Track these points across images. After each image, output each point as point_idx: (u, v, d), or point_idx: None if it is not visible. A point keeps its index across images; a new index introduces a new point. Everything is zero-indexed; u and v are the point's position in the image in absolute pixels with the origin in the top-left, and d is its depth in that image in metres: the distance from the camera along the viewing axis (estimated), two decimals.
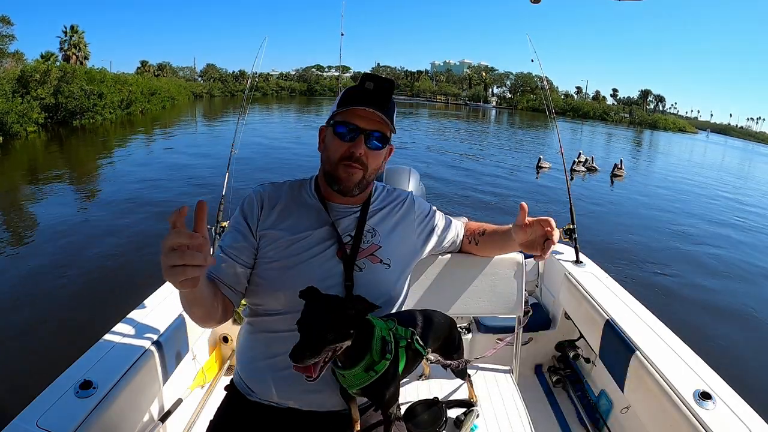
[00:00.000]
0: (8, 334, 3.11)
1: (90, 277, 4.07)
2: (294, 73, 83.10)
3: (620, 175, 12.23)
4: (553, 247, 0.94)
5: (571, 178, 11.00)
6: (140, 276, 3.93)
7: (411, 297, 1.20)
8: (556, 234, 0.93)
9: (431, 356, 0.95)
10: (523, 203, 0.97)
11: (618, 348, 1.28)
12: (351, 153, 0.90)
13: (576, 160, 12.38)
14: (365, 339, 0.78)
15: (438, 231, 1.12)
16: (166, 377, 1.21)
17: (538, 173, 11.78)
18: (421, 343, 0.89)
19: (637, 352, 1.21)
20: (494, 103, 77.17)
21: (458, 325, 1.12)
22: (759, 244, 7.34)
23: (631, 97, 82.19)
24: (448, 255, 1.24)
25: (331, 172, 0.94)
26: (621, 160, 12.86)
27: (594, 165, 12.78)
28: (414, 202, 1.08)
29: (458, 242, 1.19)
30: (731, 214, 9.59)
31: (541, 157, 12.36)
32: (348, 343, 0.75)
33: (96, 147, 13.06)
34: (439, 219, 1.13)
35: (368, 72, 0.96)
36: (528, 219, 0.96)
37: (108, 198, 7.01)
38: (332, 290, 0.90)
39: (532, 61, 2.19)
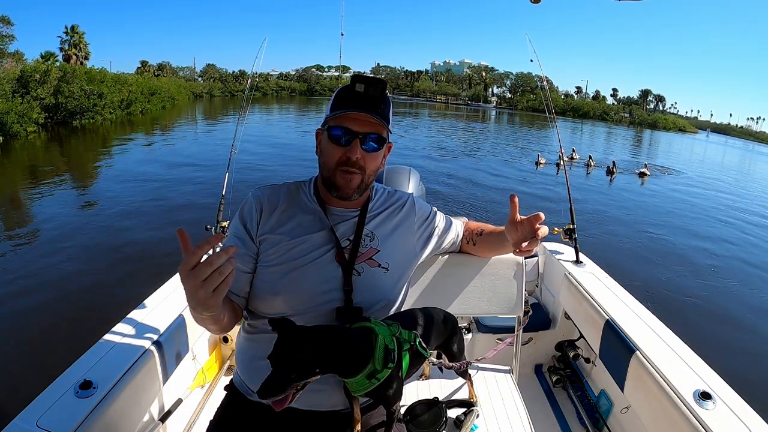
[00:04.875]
0: (8, 334, 3.12)
1: (90, 277, 4.07)
2: (294, 73, 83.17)
3: (615, 173, 12.58)
4: (553, 247, 0.93)
5: (557, 172, 11.70)
6: (140, 276, 3.93)
7: (411, 297, 1.20)
8: (544, 230, 0.90)
9: (433, 358, 0.95)
10: (514, 195, 0.93)
11: (618, 348, 1.28)
12: (347, 158, 0.90)
13: (568, 156, 13.15)
14: (365, 350, 0.78)
15: (438, 233, 1.11)
16: (166, 377, 1.21)
17: (537, 169, 12.41)
18: (424, 345, 0.89)
19: (637, 352, 1.21)
20: (494, 103, 77.15)
21: (458, 325, 1.12)
22: (760, 243, 7.33)
23: (631, 96, 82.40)
24: (448, 255, 1.24)
25: (329, 178, 0.93)
26: (645, 164, 13.67)
27: (576, 156, 14.10)
28: (414, 204, 1.07)
29: (458, 243, 1.19)
30: (732, 212, 9.59)
31: (539, 154, 13.40)
32: (317, 377, 0.74)
33: (96, 147, 13.05)
34: (440, 221, 1.12)
35: (358, 74, 0.94)
36: (520, 216, 0.93)
37: (108, 198, 7.00)
38: (331, 294, 0.90)
39: (532, 61, 2.19)
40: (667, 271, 5.36)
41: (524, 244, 0.92)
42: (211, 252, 0.67)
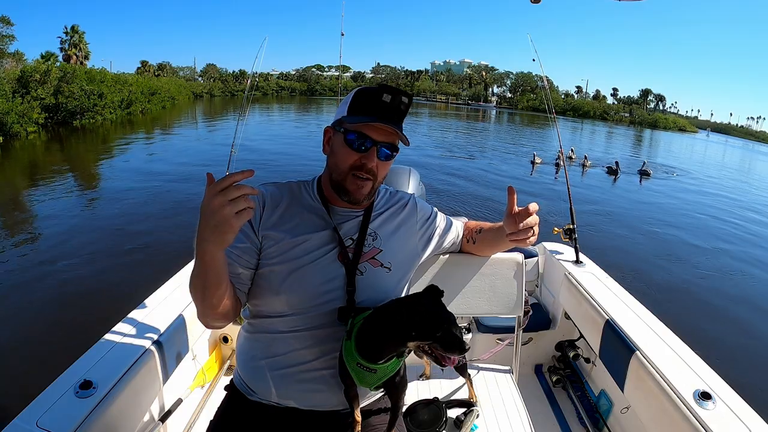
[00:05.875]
0: (8, 334, 3.12)
1: (90, 277, 4.08)
2: (294, 72, 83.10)
3: (619, 173, 12.57)
4: (553, 247, 0.93)
5: (557, 172, 11.77)
6: (140, 275, 3.94)
7: None
8: (533, 218, 0.94)
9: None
10: (511, 186, 0.96)
11: (618, 348, 1.28)
12: (362, 164, 0.89)
13: (567, 156, 13.22)
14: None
15: (439, 233, 1.11)
16: (166, 377, 1.21)
17: (533, 168, 12.40)
18: None
19: (637, 352, 1.21)
20: (495, 103, 77.04)
21: (458, 325, 1.12)
22: (760, 243, 7.33)
23: (632, 96, 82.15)
24: (448, 255, 1.24)
25: (339, 182, 0.92)
26: (644, 162, 13.99)
27: (574, 156, 14.23)
28: (416, 205, 1.07)
29: (458, 243, 1.19)
30: (732, 212, 9.59)
31: (535, 153, 13.48)
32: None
33: (96, 147, 13.07)
34: (441, 221, 1.12)
35: (385, 84, 0.93)
36: (517, 208, 0.95)
37: (108, 198, 7.01)
38: (333, 294, 0.90)
39: (533, 60, 2.19)
40: (668, 271, 5.36)
41: (520, 226, 0.94)
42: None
